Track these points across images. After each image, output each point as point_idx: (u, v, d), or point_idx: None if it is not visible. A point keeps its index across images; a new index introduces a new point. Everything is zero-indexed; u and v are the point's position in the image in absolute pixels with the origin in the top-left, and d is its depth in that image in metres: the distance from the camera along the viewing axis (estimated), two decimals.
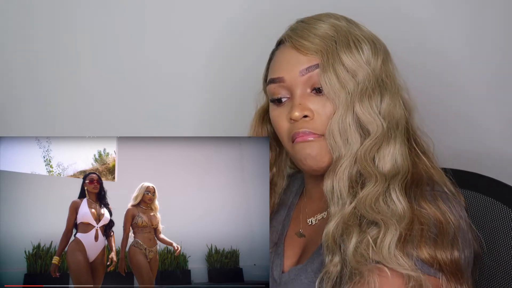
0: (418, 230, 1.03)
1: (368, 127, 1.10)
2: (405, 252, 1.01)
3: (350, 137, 1.10)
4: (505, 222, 1.21)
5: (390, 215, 1.03)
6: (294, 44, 1.15)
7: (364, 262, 1.01)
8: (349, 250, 1.03)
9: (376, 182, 1.07)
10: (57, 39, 1.73)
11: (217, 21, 1.65)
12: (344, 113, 1.10)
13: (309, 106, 1.13)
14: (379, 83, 1.13)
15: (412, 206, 1.05)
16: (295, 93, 1.14)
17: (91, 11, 1.70)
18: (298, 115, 1.12)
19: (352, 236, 1.03)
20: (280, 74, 1.16)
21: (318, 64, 1.12)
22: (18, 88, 1.77)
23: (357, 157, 1.09)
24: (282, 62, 1.17)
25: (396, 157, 1.10)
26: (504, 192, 1.23)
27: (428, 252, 1.02)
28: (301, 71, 1.13)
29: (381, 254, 1.00)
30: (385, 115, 1.12)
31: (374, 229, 1.03)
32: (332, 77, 1.11)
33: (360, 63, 1.12)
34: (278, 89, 1.16)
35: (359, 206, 1.05)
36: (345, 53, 1.12)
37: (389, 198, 1.05)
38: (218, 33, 1.65)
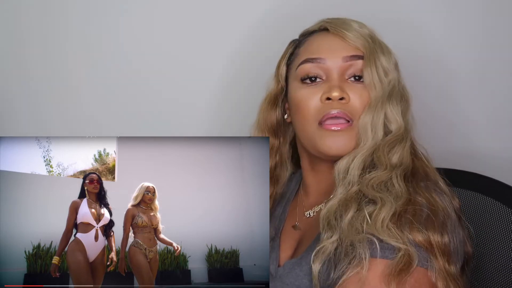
0: (412, 210, 1.06)
1: (391, 125, 1.15)
2: (398, 227, 1.03)
3: (378, 132, 1.14)
4: (505, 222, 1.21)
5: (388, 195, 1.07)
6: (337, 32, 1.19)
7: (356, 233, 1.03)
8: (344, 223, 1.05)
9: (385, 169, 1.11)
10: (57, 39, 1.73)
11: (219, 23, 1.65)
12: (379, 108, 1.14)
13: (347, 91, 1.16)
14: (400, 90, 1.19)
15: (408, 190, 1.09)
16: (333, 76, 1.17)
17: (94, 10, 1.70)
18: (337, 95, 1.14)
19: (349, 211, 1.06)
20: (321, 55, 1.18)
21: (362, 55, 1.16)
22: (18, 88, 1.77)
23: (375, 149, 1.13)
24: (323, 45, 1.19)
25: (404, 154, 1.14)
26: (504, 192, 1.23)
27: (420, 233, 1.04)
28: (344, 57, 1.17)
29: (374, 227, 1.03)
30: (403, 118, 1.17)
31: (371, 206, 1.06)
32: (374, 70, 1.16)
33: (391, 67, 1.18)
34: (315, 69, 1.18)
35: (362, 186, 1.09)
36: (382, 54, 1.18)
37: (389, 183, 1.09)
38: (219, 34, 1.66)
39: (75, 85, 1.74)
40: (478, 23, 1.49)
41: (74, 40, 1.72)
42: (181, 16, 1.67)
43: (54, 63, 1.74)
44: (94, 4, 1.70)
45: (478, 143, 1.51)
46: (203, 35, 1.66)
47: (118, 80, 1.71)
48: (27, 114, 1.77)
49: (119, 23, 1.70)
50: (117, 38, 1.70)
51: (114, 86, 1.72)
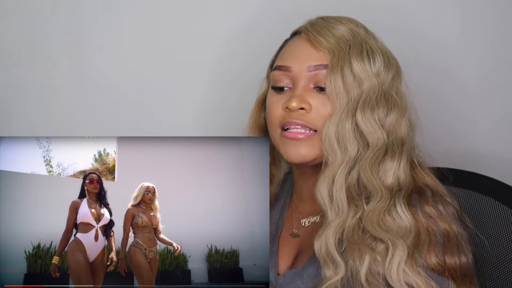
0: (426, 239, 1.04)
1: (367, 137, 1.10)
2: (415, 268, 1.02)
3: (348, 144, 1.10)
4: (505, 222, 1.21)
5: (397, 232, 1.04)
6: (309, 37, 1.16)
7: (375, 285, 1.02)
8: (362, 273, 1.03)
9: (381, 197, 1.07)
10: (57, 39, 1.73)
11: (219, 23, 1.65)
12: (344, 118, 1.10)
13: (308, 100, 1.13)
14: (386, 97, 1.13)
15: (418, 214, 1.07)
16: (298, 85, 1.15)
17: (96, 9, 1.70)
18: (295, 105, 1.12)
19: (364, 258, 1.04)
20: (288, 63, 1.16)
21: (327, 65, 1.13)
22: (18, 88, 1.77)
23: (360, 168, 1.09)
24: (293, 53, 1.17)
25: (399, 174, 1.10)
26: (504, 192, 1.23)
27: (438, 260, 1.03)
28: (309, 67, 1.14)
29: (390, 277, 1.02)
30: (389, 130, 1.12)
31: (381, 245, 1.04)
32: (338, 79, 1.11)
33: (369, 73, 1.12)
34: (282, 77, 1.17)
35: (366, 222, 1.06)
36: (357, 59, 1.12)
37: (394, 212, 1.06)
38: (219, 34, 1.65)
39: (75, 86, 1.74)
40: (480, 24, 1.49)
41: (73, 40, 1.72)
42: (181, 16, 1.67)
43: (54, 63, 1.74)
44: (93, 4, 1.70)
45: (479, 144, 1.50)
46: (203, 35, 1.66)
47: (118, 80, 1.71)
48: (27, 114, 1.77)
49: (119, 23, 1.70)
50: (117, 38, 1.70)
51: (114, 86, 1.72)
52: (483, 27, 1.48)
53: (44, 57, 1.74)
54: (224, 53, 1.66)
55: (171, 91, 1.69)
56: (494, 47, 1.48)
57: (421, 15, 1.52)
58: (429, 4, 1.51)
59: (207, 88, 1.68)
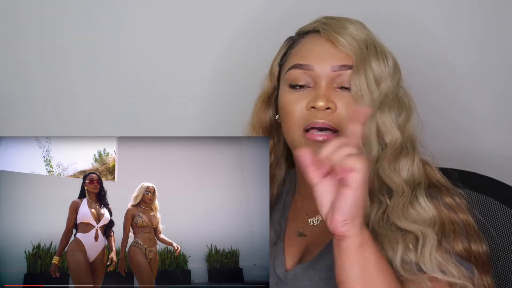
0: (451, 228, 1.07)
1: (385, 136, 1.12)
2: (445, 255, 1.04)
3: (371, 144, 1.11)
4: (505, 222, 1.21)
5: (423, 222, 1.06)
6: (329, 37, 1.16)
7: (412, 271, 1.04)
8: (397, 261, 1.04)
9: (403, 192, 1.09)
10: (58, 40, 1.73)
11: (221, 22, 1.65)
12: (368, 119, 1.10)
13: (333, 100, 1.14)
14: (398, 98, 1.15)
15: (439, 205, 1.09)
16: (321, 84, 1.15)
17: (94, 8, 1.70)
18: (323, 105, 1.13)
19: (397, 248, 1.05)
20: (310, 62, 1.16)
21: (352, 65, 1.13)
22: (18, 88, 1.77)
23: (379, 166, 1.11)
24: (313, 50, 1.17)
25: (413, 170, 1.12)
26: (504, 192, 1.23)
27: (463, 246, 1.06)
28: (333, 66, 1.14)
29: (424, 265, 1.03)
30: (400, 130, 1.14)
31: (409, 234, 1.06)
32: (363, 80, 1.12)
33: (385, 74, 1.14)
34: (302, 75, 1.16)
35: (392, 215, 1.08)
36: (374, 61, 1.14)
37: (417, 205, 1.08)
38: (220, 34, 1.65)
39: (75, 85, 1.74)
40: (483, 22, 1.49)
41: (73, 40, 1.72)
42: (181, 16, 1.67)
43: (54, 63, 1.74)
44: (92, 4, 1.70)
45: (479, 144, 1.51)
46: (203, 35, 1.66)
47: (118, 80, 1.71)
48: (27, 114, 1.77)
49: (119, 23, 1.70)
50: (117, 38, 1.70)
51: (114, 86, 1.72)
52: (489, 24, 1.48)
53: (45, 57, 1.74)
54: (224, 53, 1.66)
55: (172, 91, 1.69)
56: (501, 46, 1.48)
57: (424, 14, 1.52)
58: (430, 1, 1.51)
59: (207, 88, 1.68)
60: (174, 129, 1.67)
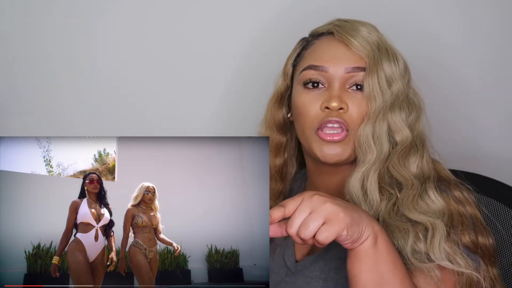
0: (459, 220, 1.10)
1: (396, 136, 1.16)
2: (453, 246, 1.07)
3: (383, 142, 1.15)
4: (505, 222, 1.21)
5: (432, 214, 1.09)
6: (342, 39, 1.19)
7: (422, 260, 1.06)
8: (408, 250, 1.07)
9: (412, 185, 1.12)
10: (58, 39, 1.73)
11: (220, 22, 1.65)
12: (380, 119, 1.15)
13: (346, 100, 1.17)
14: (408, 98, 1.19)
15: (448, 198, 1.12)
16: (334, 85, 1.18)
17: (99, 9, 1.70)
18: (336, 105, 1.16)
19: (407, 237, 1.07)
20: (324, 63, 1.19)
21: (364, 67, 1.17)
22: (18, 88, 1.77)
23: (389, 162, 1.14)
24: (327, 52, 1.20)
25: (423, 166, 1.16)
26: (504, 192, 1.23)
27: (471, 238, 1.09)
28: (347, 68, 1.18)
29: (433, 254, 1.06)
30: (411, 129, 1.18)
31: (419, 225, 1.08)
32: (375, 82, 1.16)
33: (396, 76, 1.18)
34: (316, 76, 1.20)
35: (402, 207, 1.10)
36: (386, 62, 1.18)
37: (426, 197, 1.11)
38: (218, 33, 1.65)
39: (75, 85, 1.74)
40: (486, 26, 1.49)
41: (74, 40, 1.72)
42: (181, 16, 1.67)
43: (55, 63, 1.74)
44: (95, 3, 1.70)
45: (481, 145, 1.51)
46: (203, 35, 1.66)
47: (118, 80, 1.71)
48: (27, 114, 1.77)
49: (120, 22, 1.70)
50: (117, 37, 1.70)
51: (114, 86, 1.72)
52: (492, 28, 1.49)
53: (45, 57, 1.74)
54: (225, 54, 1.66)
55: (172, 91, 1.69)
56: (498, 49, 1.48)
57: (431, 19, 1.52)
58: (433, 3, 1.51)
59: (208, 88, 1.69)
60: (174, 129, 1.67)
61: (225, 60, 1.66)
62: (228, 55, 1.66)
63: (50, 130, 1.72)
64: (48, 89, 1.75)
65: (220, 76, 1.67)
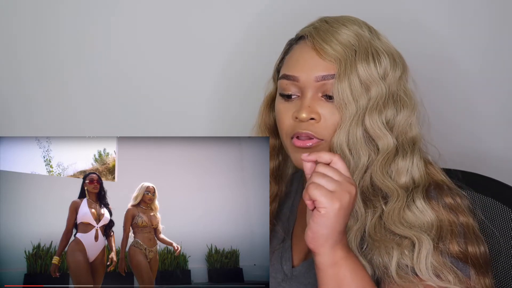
0: (449, 230, 1.07)
1: (377, 141, 1.12)
2: (441, 260, 1.04)
3: (360, 151, 1.11)
4: (505, 222, 1.21)
5: (419, 227, 1.06)
6: (315, 45, 1.15)
7: (408, 278, 1.04)
8: (393, 268, 1.05)
9: (398, 196, 1.09)
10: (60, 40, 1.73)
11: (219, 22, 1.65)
12: (354, 126, 1.11)
13: (317, 110, 1.14)
14: (395, 98, 1.14)
15: (438, 206, 1.09)
16: (306, 94, 1.15)
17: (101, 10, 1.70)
18: (305, 116, 1.13)
19: (392, 254, 1.05)
20: (296, 73, 1.16)
21: (335, 74, 1.13)
22: (18, 88, 1.77)
23: (372, 172, 1.11)
24: (299, 61, 1.17)
25: (413, 172, 1.12)
26: (504, 192, 1.23)
27: (460, 249, 1.06)
28: (316, 77, 1.14)
29: (419, 270, 1.03)
30: (399, 130, 1.14)
31: (405, 240, 1.06)
32: (346, 88, 1.11)
33: (375, 78, 1.13)
34: (290, 86, 1.17)
35: (387, 221, 1.08)
36: (363, 65, 1.12)
37: (414, 207, 1.08)
38: (218, 33, 1.65)
39: (75, 85, 1.74)
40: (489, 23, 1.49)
41: (75, 41, 1.72)
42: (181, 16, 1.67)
43: (55, 64, 1.74)
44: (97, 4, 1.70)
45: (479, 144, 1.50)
46: (203, 34, 1.66)
47: (118, 80, 1.71)
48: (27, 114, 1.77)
49: (119, 22, 1.70)
50: (117, 37, 1.70)
51: (114, 86, 1.72)
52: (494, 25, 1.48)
53: (46, 58, 1.74)
54: (225, 54, 1.66)
55: (171, 91, 1.69)
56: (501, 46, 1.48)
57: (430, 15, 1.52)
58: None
59: (208, 88, 1.69)
60: (174, 129, 1.67)
61: (225, 60, 1.66)
62: (229, 55, 1.66)
63: (50, 130, 1.72)
64: (49, 89, 1.75)
65: (222, 76, 1.67)
